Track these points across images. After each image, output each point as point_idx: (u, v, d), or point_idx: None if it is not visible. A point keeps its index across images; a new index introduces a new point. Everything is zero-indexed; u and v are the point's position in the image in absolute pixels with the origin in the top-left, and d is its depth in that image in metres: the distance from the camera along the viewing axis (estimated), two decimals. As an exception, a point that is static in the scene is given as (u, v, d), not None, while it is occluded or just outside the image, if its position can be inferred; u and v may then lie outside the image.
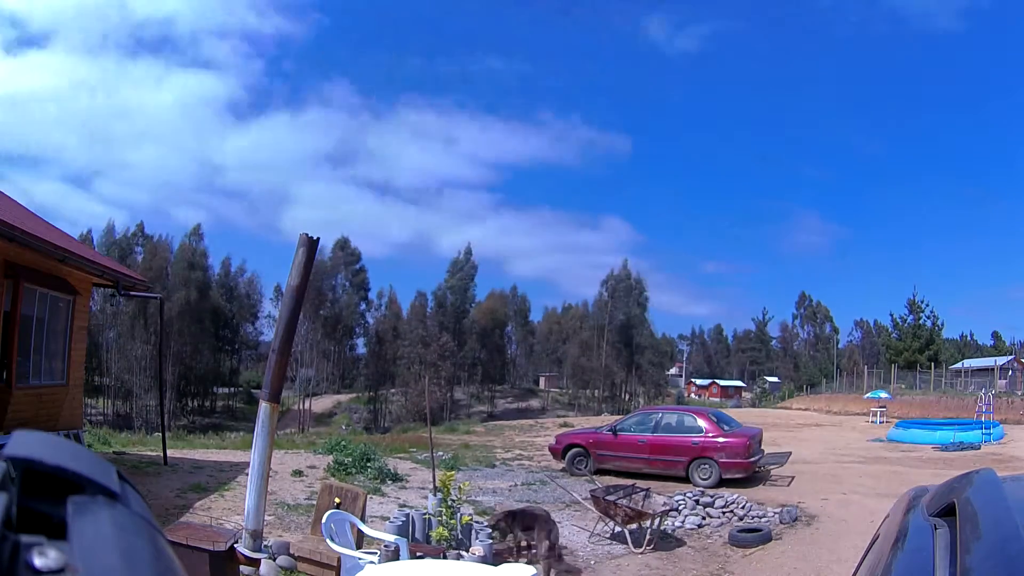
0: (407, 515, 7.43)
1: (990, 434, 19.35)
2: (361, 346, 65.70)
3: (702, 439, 12.54)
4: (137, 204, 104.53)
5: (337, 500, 6.56)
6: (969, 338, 71.25)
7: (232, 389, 61.84)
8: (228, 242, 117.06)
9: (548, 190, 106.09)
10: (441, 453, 15.29)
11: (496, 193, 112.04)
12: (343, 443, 14.20)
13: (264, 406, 6.41)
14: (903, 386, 40.66)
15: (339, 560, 5.79)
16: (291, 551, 6.34)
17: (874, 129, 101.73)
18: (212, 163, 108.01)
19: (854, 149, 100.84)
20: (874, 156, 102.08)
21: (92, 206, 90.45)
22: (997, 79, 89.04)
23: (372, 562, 5.30)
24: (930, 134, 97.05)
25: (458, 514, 7.13)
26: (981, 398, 23.61)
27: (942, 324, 50.77)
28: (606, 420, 23.21)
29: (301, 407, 53.45)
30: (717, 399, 66.24)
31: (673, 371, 74.30)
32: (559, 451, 14.09)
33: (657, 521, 8.32)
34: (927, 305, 49.31)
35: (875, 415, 27.84)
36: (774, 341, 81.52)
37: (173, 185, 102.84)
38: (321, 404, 58.66)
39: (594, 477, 11.91)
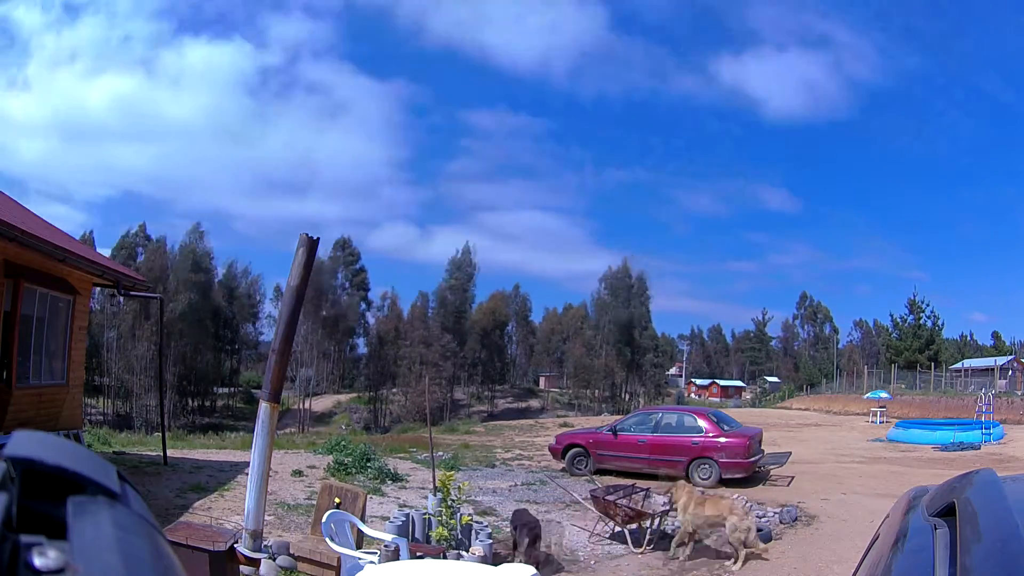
0: (407, 515, 7.43)
1: (990, 434, 19.35)
2: (362, 346, 65.78)
3: (702, 439, 12.54)
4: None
5: (337, 500, 6.56)
6: (969, 338, 71.27)
7: (232, 389, 61.83)
8: (228, 241, 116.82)
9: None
10: (441, 453, 15.30)
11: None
12: (343, 443, 14.19)
13: (264, 406, 6.41)
14: (903, 386, 40.66)
15: (339, 560, 5.79)
16: (291, 551, 6.34)
17: (874, 129, 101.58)
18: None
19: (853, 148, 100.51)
20: (874, 155, 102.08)
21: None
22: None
23: (372, 562, 5.30)
24: (930, 133, 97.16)
25: (458, 514, 7.14)
26: (981, 398, 23.60)
27: (942, 324, 50.85)
28: (606, 420, 23.21)
29: (301, 407, 53.45)
30: (717, 399, 66.23)
31: (673, 371, 74.30)
32: (559, 451, 14.09)
33: (657, 521, 8.32)
34: (927, 305, 49.42)
35: (875, 415, 27.84)
36: (774, 341, 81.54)
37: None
38: (321, 404, 58.67)
39: (594, 477, 11.91)
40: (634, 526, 8.24)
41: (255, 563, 6.03)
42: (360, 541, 6.41)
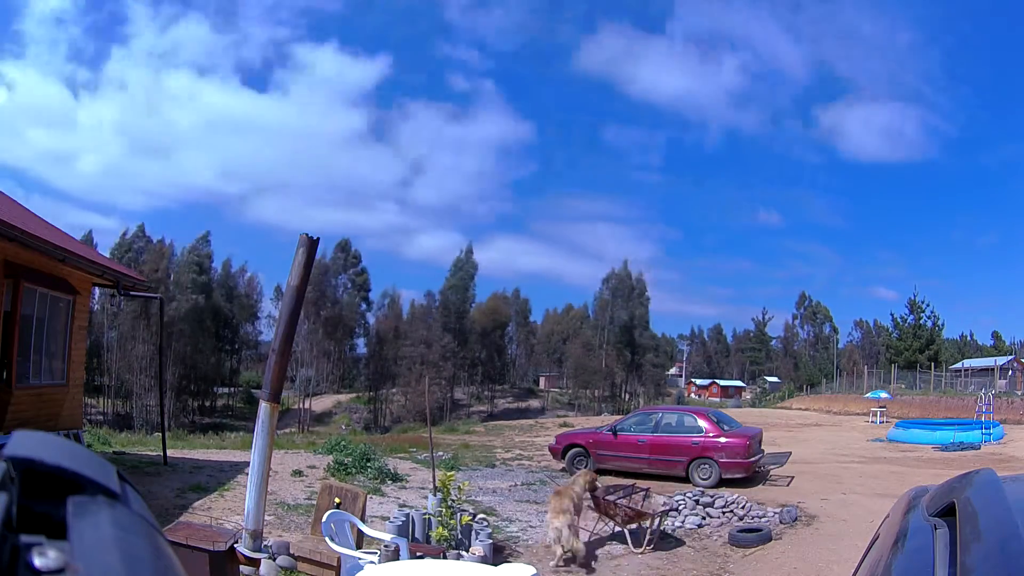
0: (407, 515, 7.43)
1: (990, 434, 19.34)
2: (362, 346, 65.75)
3: (702, 439, 12.54)
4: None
5: (337, 500, 6.57)
6: (969, 338, 71.28)
7: (232, 389, 61.84)
8: (230, 241, 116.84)
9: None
10: (441, 453, 15.30)
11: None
12: (343, 443, 14.20)
13: (264, 406, 6.41)
14: (903, 386, 40.65)
15: (339, 560, 5.79)
16: (291, 551, 6.34)
17: (871, 128, 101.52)
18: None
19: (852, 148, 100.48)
20: (873, 155, 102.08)
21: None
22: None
23: (372, 562, 5.31)
24: (929, 133, 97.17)
25: (458, 514, 7.14)
26: (981, 398, 23.59)
27: (942, 324, 50.86)
28: (606, 420, 23.21)
29: (301, 407, 53.46)
30: (717, 399, 66.21)
31: (673, 371, 74.33)
32: (559, 451, 14.10)
33: (657, 521, 8.32)
34: (927, 305, 49.41)
35: (875, 415, 27.83)
36: (774, 341, 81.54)
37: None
38: (321, 404, 58.67)
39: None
40: (634, 526, 8.24)
41: (255, 563, 6.03)
42: (360, 541, 6.41)
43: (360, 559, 5.57)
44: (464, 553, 6.49)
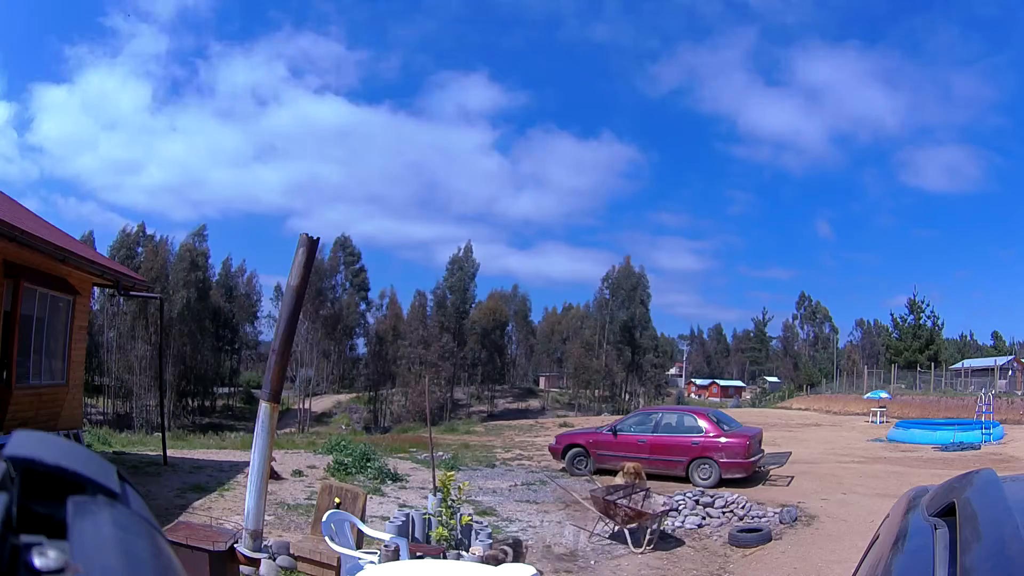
0: (407, 515, 7.42)
1: (990, 434, 19.34)
2: (361, 346, 65.75)
3: (702, 439, 12.54)
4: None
5: (337, 500, 6.56)
6: (969, 338, 71.31)
7: (232, 389, 61.84)
8: (229, 240, 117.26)
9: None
10: (441, 453, 15.30)
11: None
12: (343, 443, 14.19)
13: (264, 406, 6.41)
14: (903, 386, 40.65)
15: (339, 560, 5.79)
16: (291, 551, 6.33)
17: (871, 128, 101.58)
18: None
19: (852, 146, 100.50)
20: (874, 152, 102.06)
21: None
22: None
23: (372, 562, 5.31)
24: (930, 133, 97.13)
25: (458, 514, 7.13)
26: (981, 398, 23.59)
27: (942, 324, 50.82)
28: (606, 420, 23.21)
29: (301, 407, 53.46)
30: (717, 399, 66.24)
31: (673, 371, 74.33)
32: (559, 451, 14.09)
33: (657, 521, 8.32)
34: (927, 305, 49.37)
35: (875, 415, 27.83)
36: (774, 341, 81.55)
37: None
38: (321, 404, 58.66)
39: (594, 477, 11.91)
40: (634, 526, 8.24)
41: (255, 563, 6.03)
42: (360, 541, 6.40)
43: (360, 559, 5.57)
44: (464, 553, 6.49)
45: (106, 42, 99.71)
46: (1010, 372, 40.97)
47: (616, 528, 8.42)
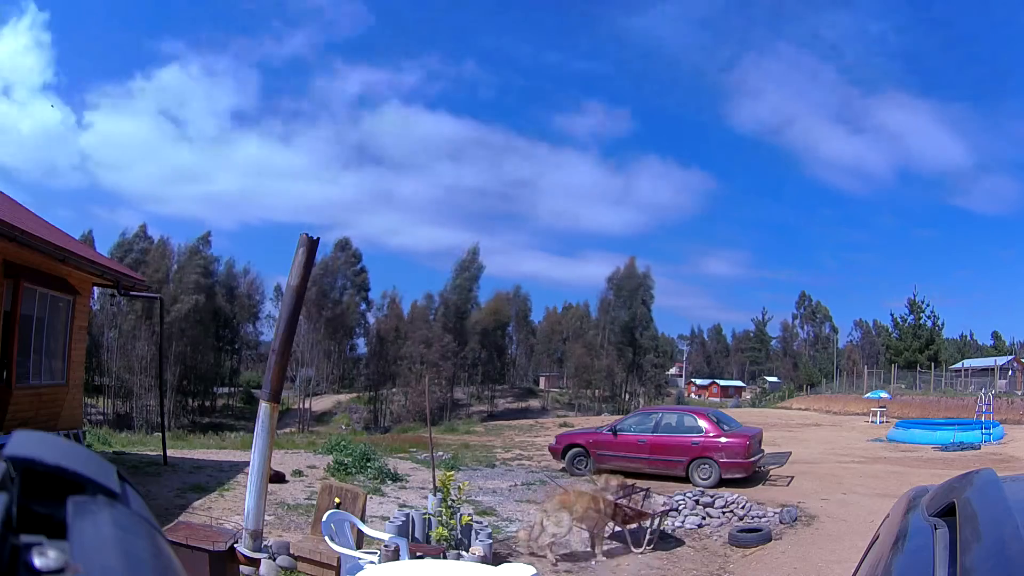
0: (407, 515, 7.43)
1: (990, 434, 19.34)
2: (362, 346, 65.73)
3: (702, 439, 12.54)
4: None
5: (337, 500, 6.56)
6: (969, 338, 71.22)
7: (232, 389, 61.82)
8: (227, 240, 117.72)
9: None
10: (441, 453, 15.30)
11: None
12: (343, 443, 14.19)
13: (264, 406, 6.41)
14: (903, 386, 40.65)
15: (339, 560, 5.79)
16: (291, 551, 6.34)
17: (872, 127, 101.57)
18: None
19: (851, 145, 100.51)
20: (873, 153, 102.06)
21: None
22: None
23: (372, 562, 5.31)
24: (931, 131, 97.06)
25: (458, 514, 7.13)
26: (981, 398, 23.59)
27: (942, 324, 50.79)
28: (606, 420, 23.21)
29: (301, 407, 53.45)
30: (717, 399, 66.23)
31: (673, 371, 74.28)
32: (559, 451, 14.09)
33: (657, 521, 8.32)
34: (927, 305, 49.35)
35: (875, 415, 27.83)
36: (774, 341, 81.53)
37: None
38: (321, 404, 58.65)
39: (594, 477, 11.91)
40: (634, 526, 8.24)
41: (255, 563, 6.03)
42: (360, 541, 6.40)
43: (360, 559, 5.57)
44: (464, 553, 6.49)
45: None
46: (1010, 372, 40.97)
47: (616, 528, 8.42)
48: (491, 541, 7.04)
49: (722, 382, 75.50)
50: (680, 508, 9.84)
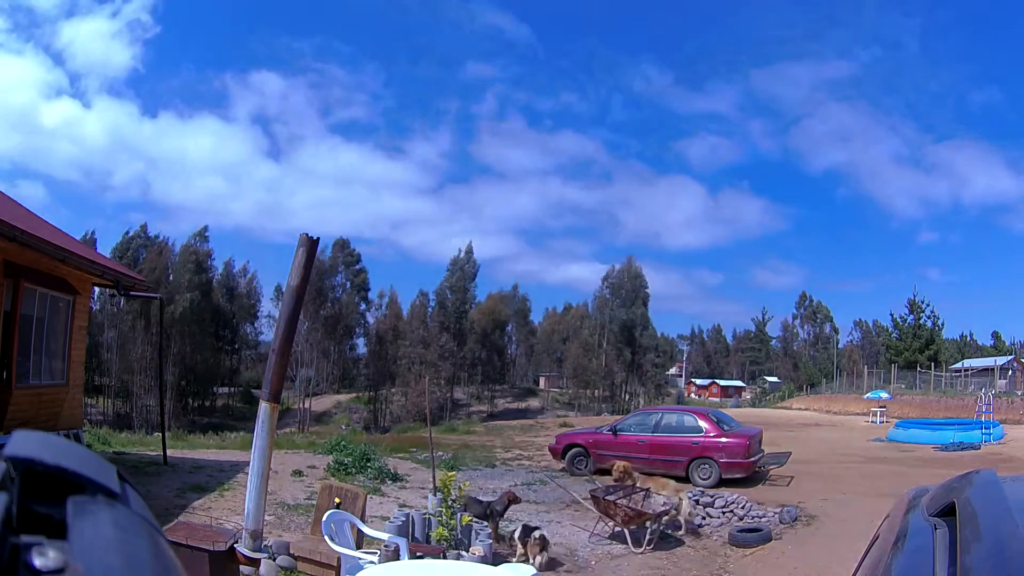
0: (407, 515, 7.43)
1: (990, 434, 19.33)
2: (361, 346, 65.74)
3: (702, 439, 12.53)
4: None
5: (337, 500, 6.56)
6: (969, 338, 71.18)
7: (232, 389, 61.83)
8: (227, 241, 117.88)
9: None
10: (441, 453, 15.29)
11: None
12: (343, 443, 14.20)
13: (264, 406, 6.41)
14: (903, 386, 40.64)
15: (339, 560, 5.79)
16: (291, 551, 6.34)
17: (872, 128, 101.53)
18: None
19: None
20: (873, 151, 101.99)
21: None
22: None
23: (372, 562, 5.30)
24: (931, 131, 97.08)
25: (458, 514, 7.13)
26: (981, 398, 23.59)
27: (942, 324, 50.77)
28: (606, 420, 23.20)
29: (301, 407, 53.45)
30: (717, 399, 66.23)
31: (673, 371, 74.27)
32: (559, 451, 14.09)
33: (657, 521, 8.32)
34: (927, 305, 49.34)
35: (875, 415, 27.83)
36: (774, 341, 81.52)
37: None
38: (321, 404, 58.65)
39: (594, 477, 11.92)
40: (634, 526, 8.24)
41: (255, 563, 6.03)
42: (360, 541, 6.40)
43: (360, 559, 5.57)
44: (464, 553, 6.49)
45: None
46: (1010, 372, 40.96)
47: (616, 528, 8.42)
48: (491, 541, 7.04)
49: (722, 382, 75.51)
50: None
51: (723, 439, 12.41)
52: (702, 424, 12.81)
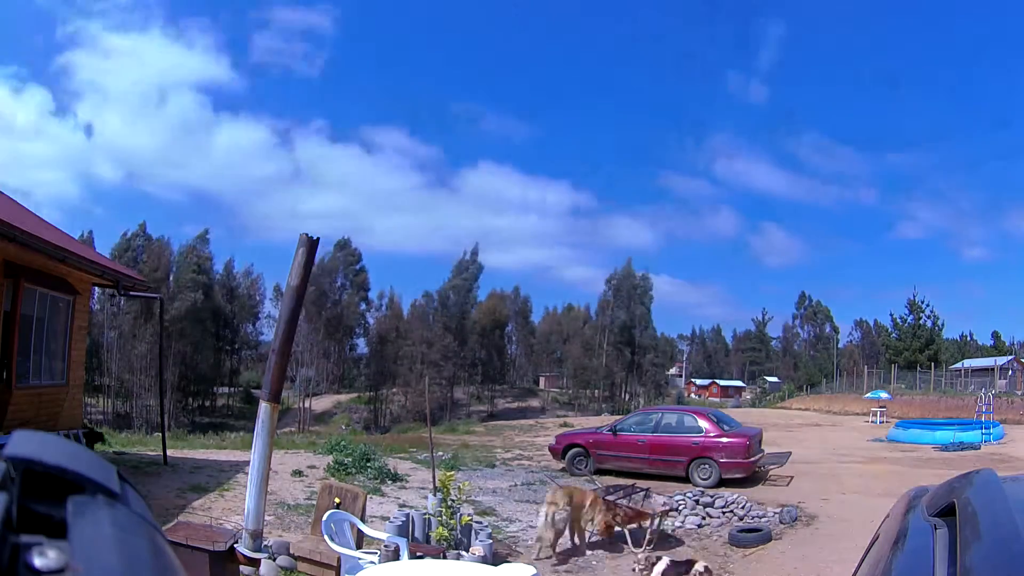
0: (407, 515, 7.43)
1: (990, 434, 19.34)
2: (362, 346, 65.78)
3: (702, 439, 12.53)
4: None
5: (337, 500, 6.56)
6: (969, 338, 71.13)
7: (232, 389, 61.85)
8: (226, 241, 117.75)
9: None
10: (441, 453, 15.29)
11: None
12: (343, 443, 14.18)
13: (264, 406, 6.41)
14: (903, 386, 40.64)
15: (339, 560, 5.79)
16: (291, 551, 6.34)
17: (874, 127, 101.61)
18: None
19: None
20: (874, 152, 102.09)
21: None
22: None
23: (372, 562, 5.31)
24: (931, 130, 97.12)
25: (458, 514, 7.13)
26: (981, 398, 23.59)
27: (942, 324, 50.80)
28: (606, 420, 23.21)
29: (301, 407, 53.46)
30: (717, 399, 66.19)
31: (673, 371, 74.27)
32: (559, 451, 14.09)
33: (657, 521, 8.31)
34: (927, 305, 49.37)
35: (875, 415, 27.83)
36: (774, 341, 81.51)
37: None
38: (321, 404, 58.66)
39: (594, 477, 11.92)
40: (634, 526, 8.24)
41: (255, 563, 6.03)
42: (360, 541, 6.40)
43: (360, 559, 5.57)
44: (464, 553, 6.49)
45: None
46: (1010, 372, 40.96)
47: (616, 528, 8.42)
48: (491, 541, 7.04)
49: (722, 382, 75.46)
50: (680, 508, 9.84)
51: (723, 439, 12.41)
52: (702, 424, 12.81)
